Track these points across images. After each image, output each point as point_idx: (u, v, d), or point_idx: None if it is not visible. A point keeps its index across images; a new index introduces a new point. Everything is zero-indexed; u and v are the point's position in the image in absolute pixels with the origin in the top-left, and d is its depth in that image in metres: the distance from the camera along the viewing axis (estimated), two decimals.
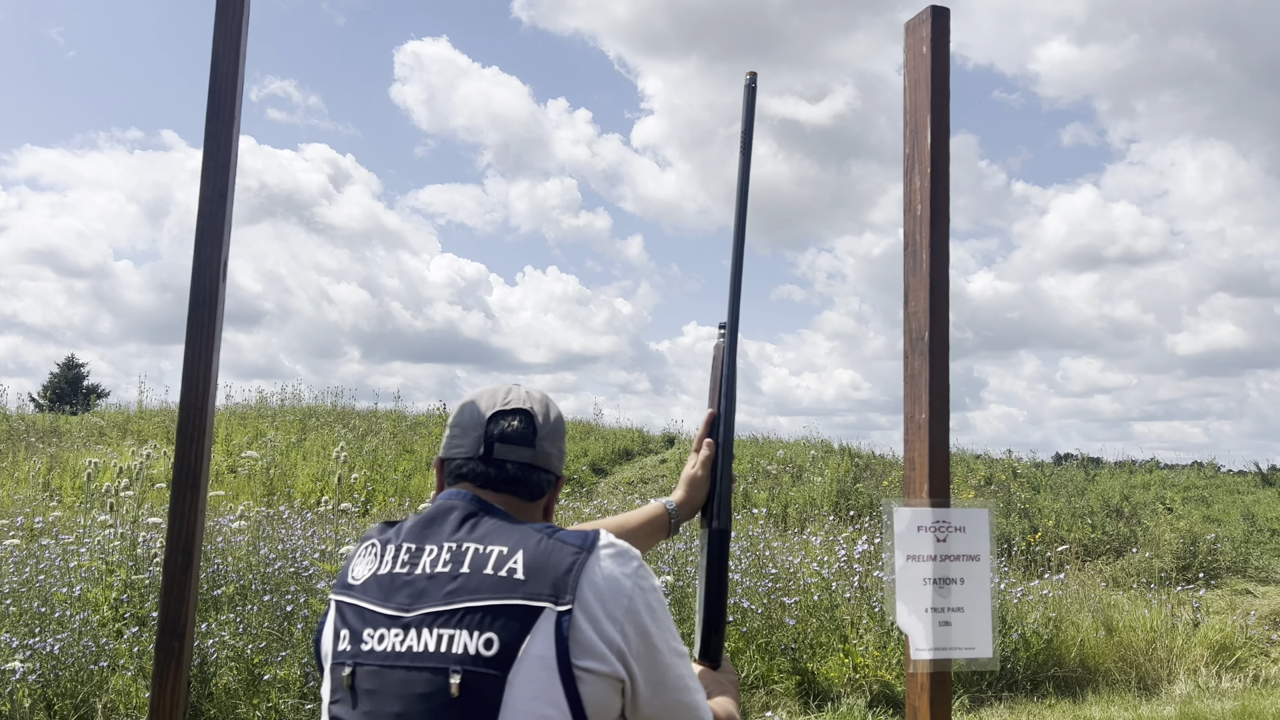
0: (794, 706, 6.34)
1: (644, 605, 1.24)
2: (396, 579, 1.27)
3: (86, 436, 14.59)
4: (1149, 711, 6.57)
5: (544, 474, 1.43)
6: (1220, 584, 9.99)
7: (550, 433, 1.45)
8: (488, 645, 1.15)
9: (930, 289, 2.02)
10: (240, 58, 2.08)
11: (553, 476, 1.45)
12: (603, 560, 1.24)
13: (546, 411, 1.47)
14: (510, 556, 1.23)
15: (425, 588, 1.23)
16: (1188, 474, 15.35)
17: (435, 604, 1.21)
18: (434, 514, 1.34)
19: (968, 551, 2.01)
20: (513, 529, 1.30)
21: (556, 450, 1.46)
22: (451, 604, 1.20)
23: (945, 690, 1.98)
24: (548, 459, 1.44)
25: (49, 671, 5.18)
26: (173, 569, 1.95)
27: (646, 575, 1.28)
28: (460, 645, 1.17)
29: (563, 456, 1.49)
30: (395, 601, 1.25)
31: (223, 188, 2.07)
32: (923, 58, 2.12)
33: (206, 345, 2.03)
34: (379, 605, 1.26)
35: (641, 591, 1.25)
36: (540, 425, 1.44)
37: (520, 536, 1.27)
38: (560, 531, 1.30)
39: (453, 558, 1.25)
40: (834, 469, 13.52)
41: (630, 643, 1.21)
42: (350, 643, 1.26)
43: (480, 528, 1.30)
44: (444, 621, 1.19)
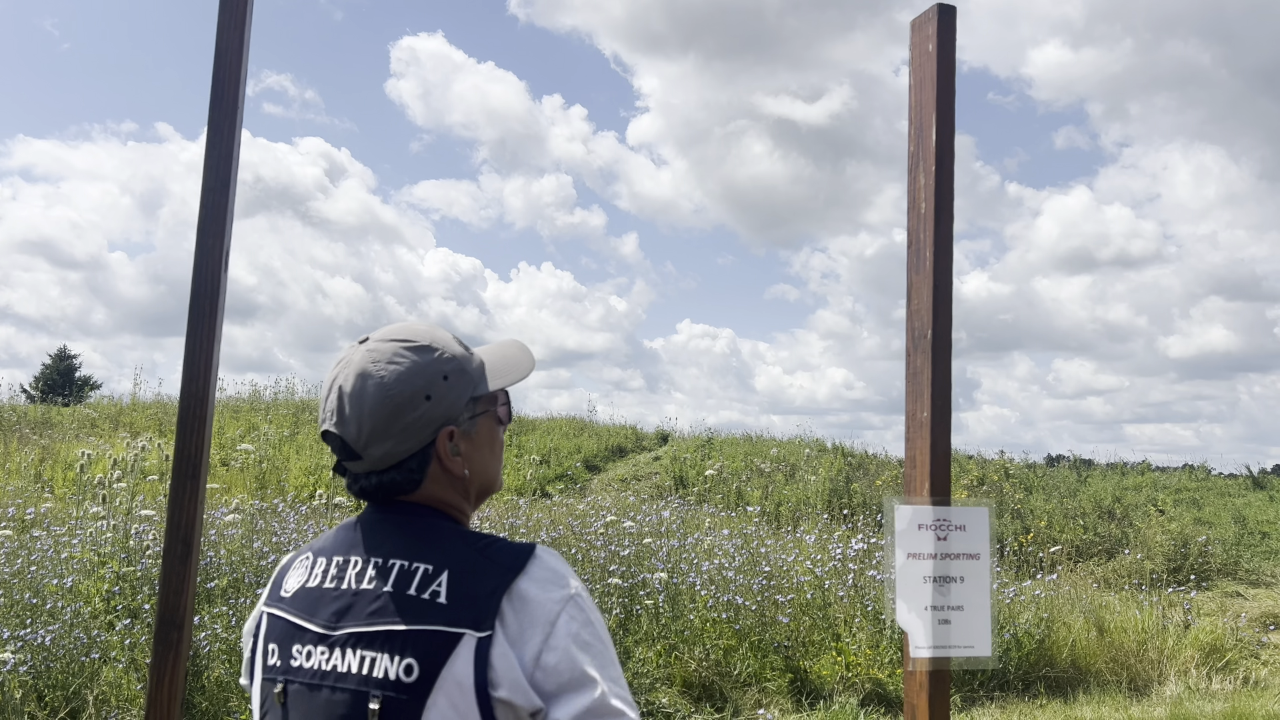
0: (786, 704, 6.35)
1: (568, 634, 1.14)
2: (325, 594, 1.24)
3: (78, 428, 14.53)
4: (1139, 712, 6.59)
5: (400, 470, 1.27)
6: (1211, 586, 10.04)
7: (370, 433, 1.25)
8: (408, 671, 1.13)
9: (934, 287, 2.02)
10: (244, 47, 2.07)
11: (414, 459, 1.26)
12: (531, 583, 1.16)
13: (358, 411, 1.25)
14: (435, 577, 1.17)
15: (350, 604, 1.20)
16: (1179, 476, 15.41)
17: (359, 623, 1.18)
18: (365, 523, 1.30)
19: (968, 550, 2.01)
20: (441, 540, 1.22)
21: (393, 436, 1.24)
22: (374, 625, 1.17)
23: (944, 688, 1.98)
24: (389, 457, 1.26)
25: (40, 663, 5.16)
26: (172, 559, 1.94)
27: (578, 602, 1.18)
28: (381, 669, 1.14)
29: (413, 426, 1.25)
30: (321, 617, 1.22)
31: (225, 178, 2.06)
32: (928, 55, 2.12)
33: (208, 336, 2.02)
34: (306, 621, 1.23)
35: (569, 619, 1.15)
36: (353, 437, 1.25)
37: (447, 553, 1.20)
38: (494, 545, 1.21)
39: (378, 573, 1.21)
40: (827, 468, 13.54)
41: (548, 674, 1.12)
42: (280, 658, 1.25)
43: (407, 538, 1.24)
44: (366, 643, 1.16)
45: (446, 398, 1.28)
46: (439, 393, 1.27)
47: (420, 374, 1.26)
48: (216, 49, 2.08)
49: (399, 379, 1.25)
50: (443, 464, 1.28)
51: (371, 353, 1.27)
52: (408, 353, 1.27)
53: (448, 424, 1.28)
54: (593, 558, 7.26)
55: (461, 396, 1.30)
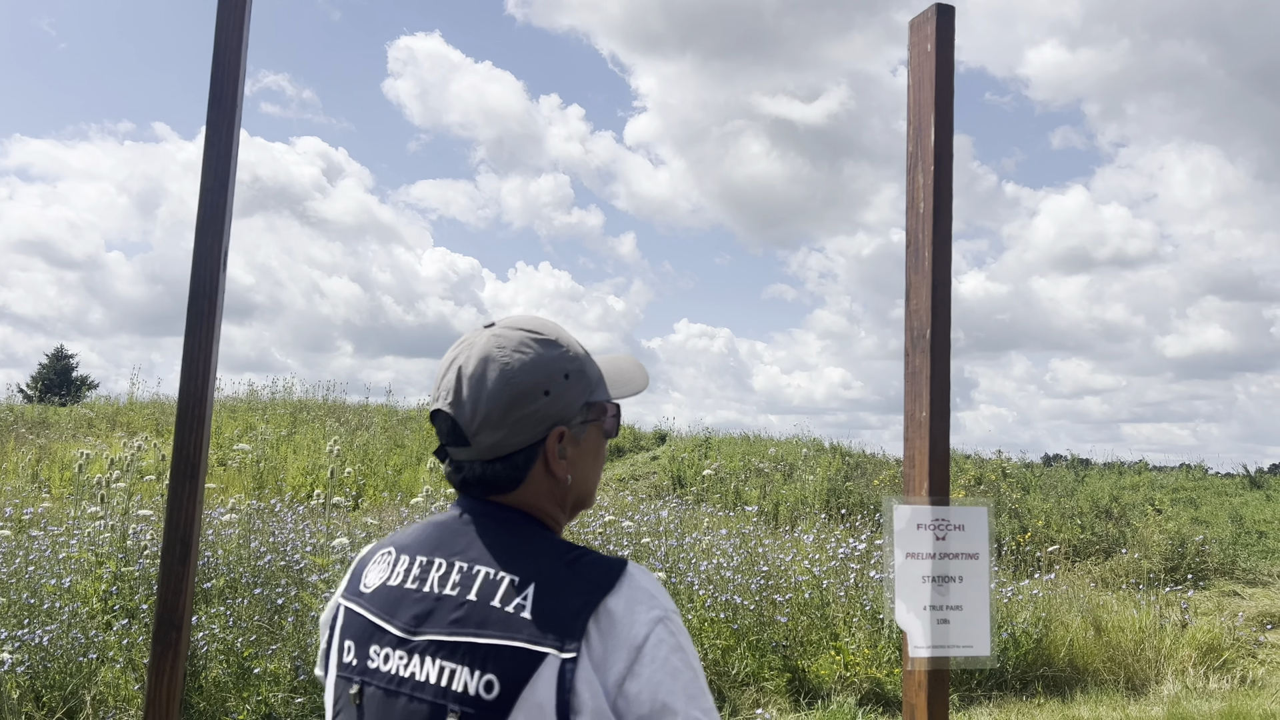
0: (784, 704, 6.35)
1: (656, 660, 1.08)
2: (406, 595, 1.20)
3: (75, 428, 14.51)
4: (1137, 712, 6.60)
5: (505, 463, 1.23)
6: (1208, 585, 10.05)
7: (484, 418, 1.21)
8: (488, 688, 1.09)
9: (933, 287, 2.02)
10: (243, 48, 2.06)
11: (521, 454, 1.23)
12: (620, 602, 1.11)
13: (475, 394, 1.22)
14: (521, 589, 1.12)
15: (432, 609, 1.17)
16: (1176, 476, 15.43)
17: (440, 631, 1.15)
18: (449, 522, 1.26)
19: (967, 550, 2.02)
20: (529, 550, 1.18)
21: (507, 425, 1.21)
22: (455, 635, 1.13)
23: (943, 688, 1.99)
24: (495, 448, 1.22)
25: (38, 663, 5.16)
26: (170, 559, 1.94)
27: (668, 625, 1.11)
28: (461, 683, 1.11)
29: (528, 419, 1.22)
30: (401, 620, 1.19)
31: (224, 177, 2.05)
32: (927, 55, 2.12)
33: (206, 335, 2.02)
34: (386, 621, 1.20)
35: (657, 643, 1.09)
36: (465, 420, 1.22)
37: (536, 563, 1.15)
38: (584, 559, 1.16)
39: (462, 580, 1.17)
40: (825, 467, 13.55)
41: (630, 702, 1.07)
42: (356, 656, 1.22)
43: (495, 544, 1.19)
44: (447, 654, 1.13)
45: (564, 397, 1.24)
46: (558, 390, 1.24)
47: (543, 367, 1.23)
48: (215, 49, 2.08)
49: (523, 368, 1.22)
50: (548, 465, 1.24)
51: (497, 338, 1.25)
52: (534, 344, 1.25)
53: (560, 424, 1.24)
54: None
55: (578, 399, 1.26)
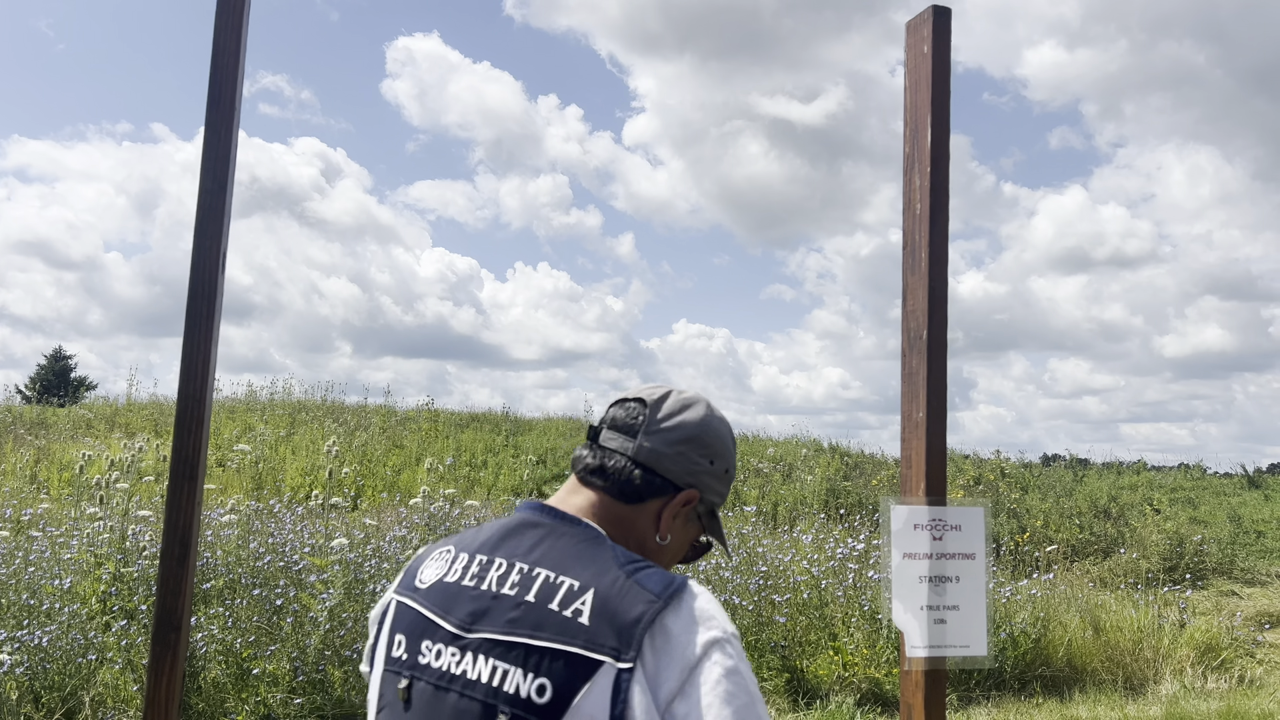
0: (783, 704, 6.36)
1: (709, 682, 1.06)
2: (463, 591, 1.21)
3: (74, 429, 14.51)
4: (1135, 711, 6.61)
5: (646, 474, 1.29)
6: (1206, 585, 10.06)
7: (665, 430, 1.31)
8: (540, 692, 1.07)
9: (929, 288, 2.03)
10: (241, 49, 2.07)
11: (660, 481, 1.29)
12: (678, 619, 1.10)
13: (674, 409, 1.34)
14: (580, 594, 1.12)
15: (489, 608, 1.16)
16: (1175, 476, 15.44)
17: (496, 630, 1.14)
18: (513, 525, 1.27)
19: (964, 550, 2.02)
20: (592, 556, 1.18)
21: (674, 453, 1.30)
22: (511, 635, 1.12)
23: (940, 688, 1.99)
24: (655, 458, 1.29)
25: (37, 664, 5.16)
26: (169, 561, 1.94)
27: (725, 649, 1.09)
28: (513, 684, 1.09)
29: (693, 466, 1.32)
30: (456, 616, 1.19)
31: (223, 179, 2.06)
32: (924, 57, 2.12)
33: (205, 337, 2.02)
34: (440, 617, 1.21)
35: (712, 666, 1.07)
36: (652, 418, 1.32)
37: (597, 570, 1.15)
38: (644, 570, 1.15)
39: (522, 580, 1.17)
40: (824, 467, 13.55)
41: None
42: (407, 651, 1.22)
43: (555, 548, 1.20)
44: (501, 653, 1.12)
45: (713, 479, 1.35)
46: (715, 470, 1.35)
47: (724, 447, 1.37)
48: (214, 50, 2.08)
49: (717, 434, 1.36)
50: (661, 512, 1.31)
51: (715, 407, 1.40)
52: (730, 436, 1.40)
53: (695, 490, 1.33)
54: None
55: (714, 493, 1.36)
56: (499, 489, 12.25)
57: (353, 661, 5.64)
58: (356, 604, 5.90)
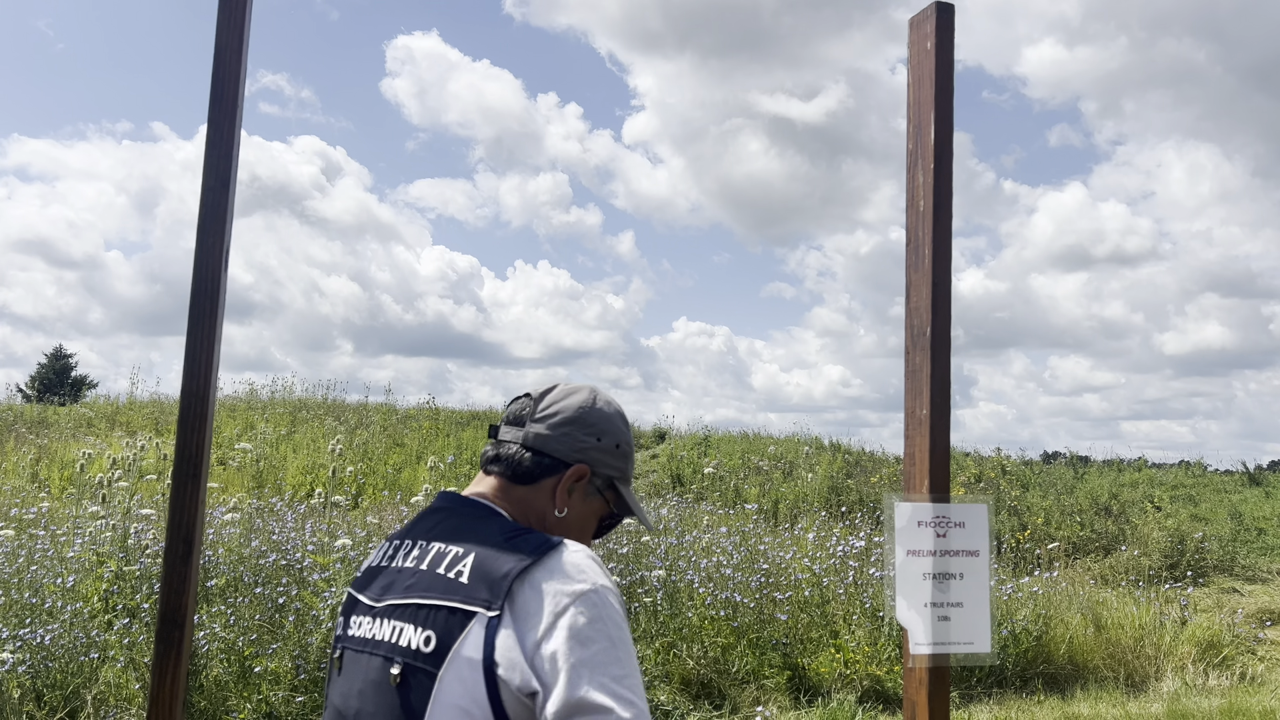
0: (785, 701, 6.36)
1: (569, 627, 1.17)
2: (379, 571, 1.39)
3: (75, 427, 14.51)
4: (1137, 708, 6.61)
5: (535, 455, 1.44)
6: (1208, 582, 10.06)
7: (549, 416, 1.46)
8: (426, 642, 1.22)
9: (933, 285, 2.03)
10: (244, 47, 2.06)
11: (550, 460, 1.44)
12: (546, 573, 1.23)
13: (557, 397, 1.49)
14: (463, 559, 1.28)
15: (394, 580, 1.34)
16: (1175, 473, 15.43)
17: (397, 596, 1.31)
18: (426, 512, 1.45)
19: (967, 547, 2.02)
20: (481, 529, 1.33)
21: (558, 434, 1.45)
22: (407, 598, 1.29)
23: (944, 685, 1.99)
24: (541, 440, 1.44)
25: (39, 662, 5.16)
26: (173, 559, 1.94)
27: (591, 599, 1.21)
28: (406, 639, 1.25)
29: (574, 442, 1.46)
30: (373, 592, 1.37)
31: (225, 177, 2.05)
32: (926, 54, 2.12)
33: (208, 335, 2.02)
34: (363, 595, 1.39)
35: (575, 614, 1.19)
36: (536, 406, 1.47)
37: (481, 538, 1.31)
38: (522, 536, 1.29)
39: (419, 554, 1.34)
40: (825, 465, 13.55)
41: (543, 663, 1.16)
42: (342, 628, 1.40)
43: (454, 526, 1.36)
44: (399, 614, 1.28)
45: (603, 454, 1.48)
46: (605, 446, 1.48)
47: (609, 425, 1.49)
48: (216, 48, 2.07)
49: (598, 413, 1.49)
50: (556, 488, 1.44)
51: (599, 390, 1.54)
52: (616, 416, 1.52)
53: (585, 465, 1.46)
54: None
55: (608, 467, 1.49)
56: None
57: None
58: None
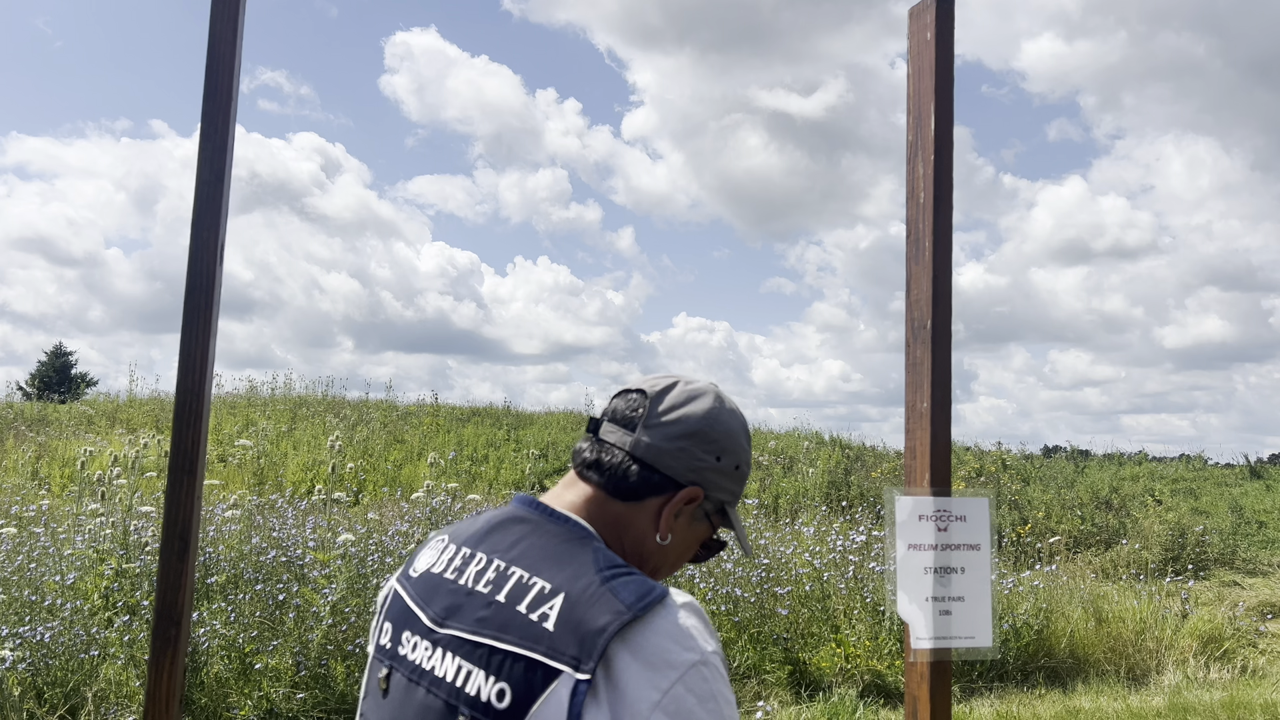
0: (786, 696, 6.36)
1: (680, 708, 0.99)
2: (443, 584, 1.19)
3: (75, 425, 14.51)
4: (1138, 702, 6.61)
5: (644, 470, 1.22)
6: (1208, 575, 10.06)
7: (666, 424, 1.23)
8: (500, 696, 1.04)
9: (933, 277, 2.01)
10: (237, 39, 2.05)
11: (660, 478, 1.22)
12: (651, 634, 1.03)
13: (678, 401, 1.26)
14: (550, 598, 1.07)
15: (462, 604, 1.14)
16: (1176, 466, 15.44)
17: (464, 627, 1.12)
18: (501, 519, 1.24)
19: (969, 541, 2.01)
20: (571, 558, 1.12)
21: (674, 449, 1.23)
22: (478, 634, 1.09)
23: (945, 679, 1.98)
24: (654, 454, 1.22)
25: (39, 660, 5.15)
26: (169, 556, 1.93)
27: (702, 672, 1.02)
28: (475, 686, 1.07)
29: (696, 463, 1.24)
30: (433, 610, 1.17)
31: (220, 170, 2.04)
32: (926, 44, 2.10)
33: (203, 330, 2.00)
34: (419, 608, 1.20)
35: (685, 691, 1.00)
36: (652, 410, 1.24)
37: (572, 574, 1.09)
38: (621, 578, 1.08)
39: (496, 578, 1.13)
40: (825, 460, 13.55)
41: None
42: (391, 640, 1.22)
43: (534, 546, 1.15)
44: (467, 652, 1.09)
45: (720, 478, 1.27)
46: (724, 466, 1.27)
47: (733, 443, 1.28)
48: (209, 40, 2.06)
49: (725, 427, 1.27)
50: (662, 510, 1.24)
51: (726, 398, 1.31)
52: (741, 431, 1.30)
53: (699, 488, 1.25)
54: None
55: (722, 490, 1.28)
56: (500, 483, 12.25)
57: (355, 656, 5.63)
58: (359, 599, 5.90)
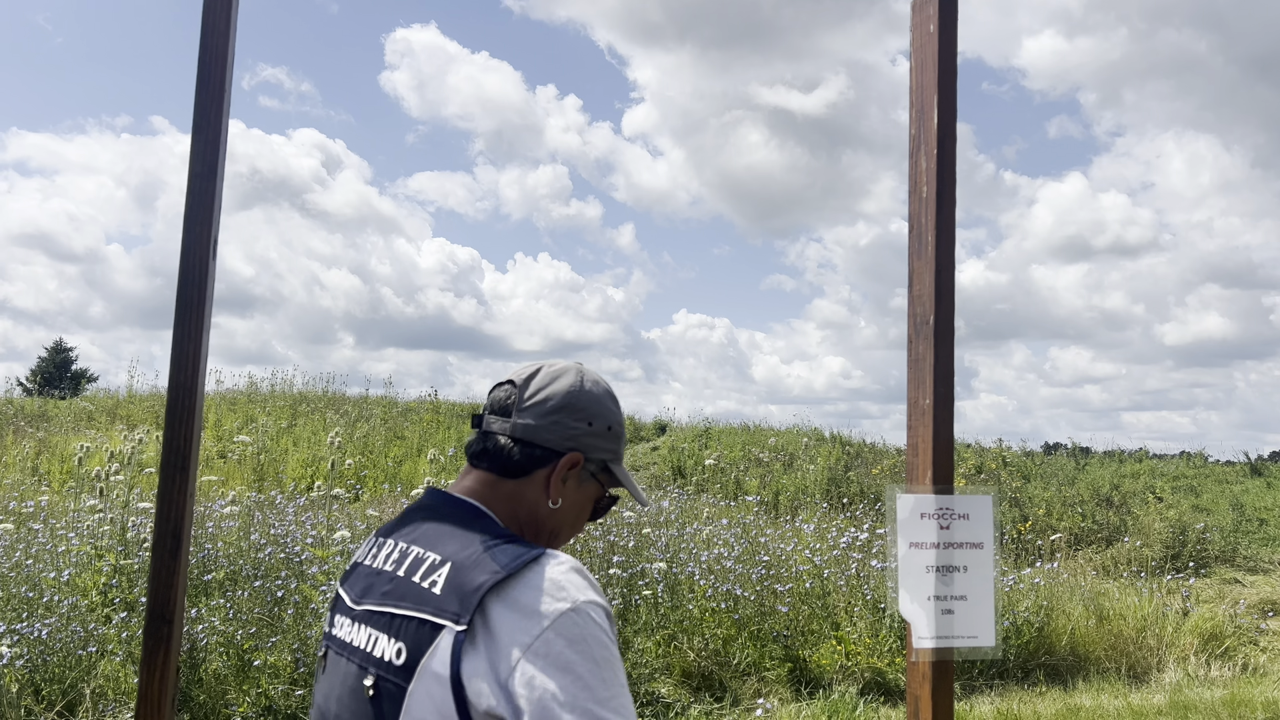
0: (786, 694, 6.34)
1: (548, 651, 1.09)
2: (363, 570, 1.35)
3: (75, 421, 14.49)
4: (1139, 699, 6.59)
5: (525, 448, 1.35)
6: (1209, 573, 10.04)
7: (535, 405, 1.37)
8: (398, 654, 1.17)
9: (936, 272, 1.99)
10: (231, 31, 2.02)
11: (541, 451, 1.35)
12: (524, 589, 1.14)
13: (543, 383, 1.39)
14: (439, 567, 1.21)
15: (373, 583, 1.29)
16: (1177, 464, 15.41)
17: (373, 601, 1.26)
18: (411, 509, 1.39)
19: (971, 539, 1.99)
20: (460, 534, 1.25)
21: (548, 423, 1.36)
22: (382, 605, 1.24)
23: (947, 679, 1.96)
24: (530, 431, 1.35)
25: (37, 656, 5.14)
26: (161, 553, 1.91)
27: (572, 618, 1.12)
28: (380, 649, 1.20)
29: (565, 429, 1.37)
30: (355, 592, 1.32)
31: (212, 164, 2.01)
32: (929, 36, 2.08)
33: (196, 325, 1.98)
34: (346, 593, 1.35)
35: (553, 636, 1.10)
36: (521, 395, 1.38)
37: (459, 545, 1.23)
38: (503, 544, 1.21)
39: (399, 558, 1.28)
40: (825, 457, 13.52)
41: (516, 691, 1.08)
42: (329, 625, 1.37)
43: (433, 528, 1.30)
44: (374, 621, 1.24)
45: (596, 440, 1.40)
46: (596, 429, 1.40)
47: (600, 409, 1.42)
48: (202, 33, 2.03)
49: (587, 395, 1.41)
50: (549, 479, 1.37)
51: (586, 369, 1.45)
52: (607, 396, 1.44)
53: (578, 452, 1.38)
54: (592, 548, 7.25)
55: (601, 452, 1.41)
56: None
57: None
58: None
